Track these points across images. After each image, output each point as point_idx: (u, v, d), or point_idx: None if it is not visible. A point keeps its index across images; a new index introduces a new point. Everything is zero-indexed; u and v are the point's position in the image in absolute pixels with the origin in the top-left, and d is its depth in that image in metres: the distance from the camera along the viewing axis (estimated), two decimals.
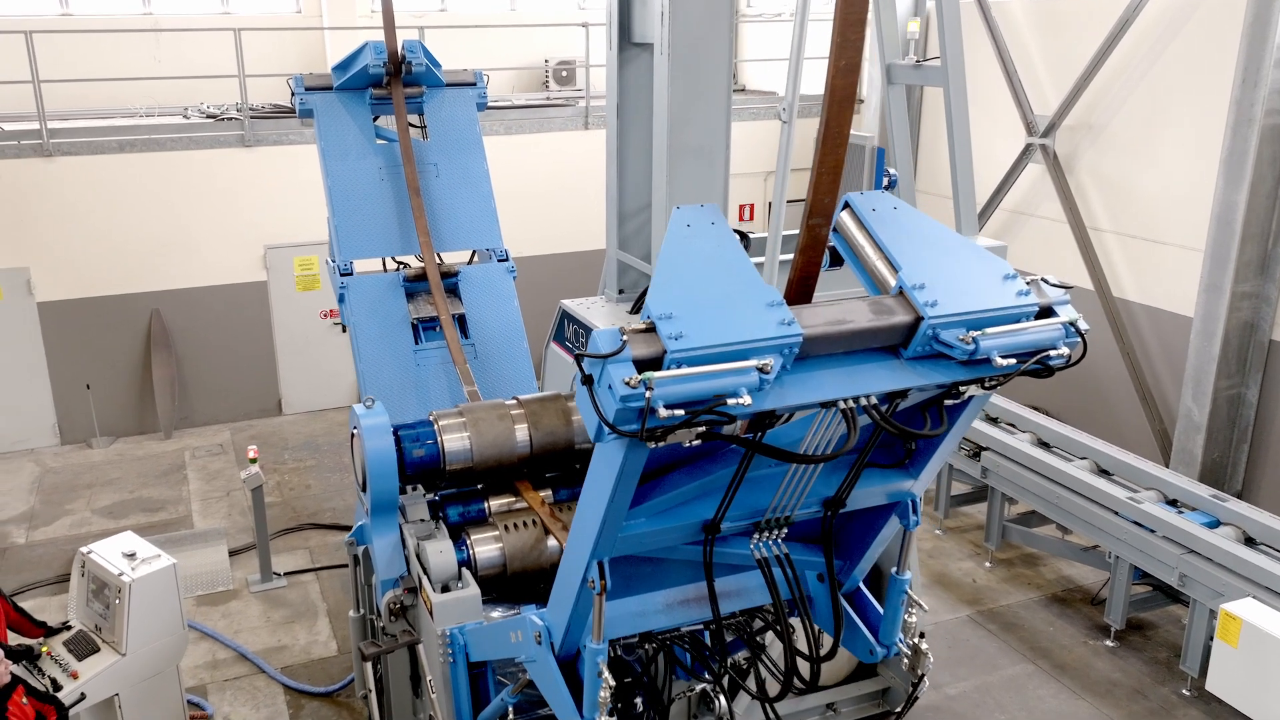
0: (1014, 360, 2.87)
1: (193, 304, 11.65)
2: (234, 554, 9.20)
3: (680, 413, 2.57)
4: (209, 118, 11.90)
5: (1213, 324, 9.15)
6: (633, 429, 2.58)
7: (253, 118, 11.51)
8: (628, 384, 2.53)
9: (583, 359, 2.63)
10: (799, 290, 3.16)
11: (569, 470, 5.18)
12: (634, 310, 6.30)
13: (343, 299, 6.48)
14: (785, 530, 3.55)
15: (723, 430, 2.74)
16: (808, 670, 3.61)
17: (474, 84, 7.32)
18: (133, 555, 6.10)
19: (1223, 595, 6.78)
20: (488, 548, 4.78)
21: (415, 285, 6.59)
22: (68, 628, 6.12)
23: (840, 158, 2.96)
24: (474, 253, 7.02)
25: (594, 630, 3.38)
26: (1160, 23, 9.96)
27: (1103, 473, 8.21)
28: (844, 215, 3.17)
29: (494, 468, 5.04)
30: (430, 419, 5.00)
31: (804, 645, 3.60)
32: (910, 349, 2.90)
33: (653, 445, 2.66)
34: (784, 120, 6.41)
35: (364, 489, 4.90)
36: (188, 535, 9.52)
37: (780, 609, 3.56)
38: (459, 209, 6.93)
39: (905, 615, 3.78)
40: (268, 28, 13.52)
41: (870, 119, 13.24)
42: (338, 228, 6.71)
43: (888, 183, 7.34)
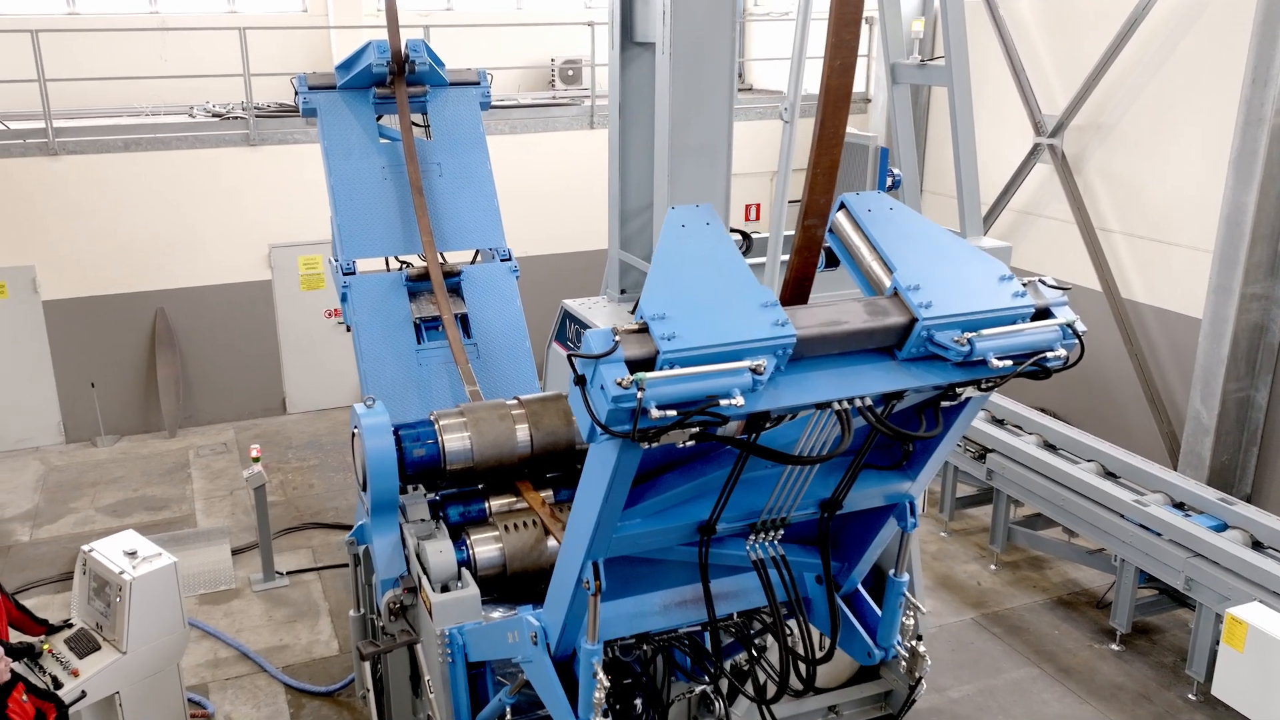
0: (1010, 362, 2.85)
1: (197, 303, 11.67)
2: (237, 553, 9.21)
3: (673, 413, 2.57)
4: (214, 117, 11.91)
5: (1222, 326, 9.08)
6: (625, 429, 2.58)
7: (258, 117, 11.53)
8: (620, 384, 2.53)
9: (575, 359, 2.62)
10: (795, 291, 3.14)
11: (570, 470, 5.16)
12: (635, 310, 6.28)
13: (345, 298, 6.48)
14: (781, 532, 3.53)
15: (717, 431, 2.72)
16: (804, 672, 3.59)
17: (477, 83, 7.32)
18: (134, 554, 6.10)
19: (1229, 599, 6.73)
20: (487, 548, 4.78)
21: (418, 285, 6.58)
22: (69, 625, 6.13)
23: (836, 158, 2.94)
24: (477, 252, 7.01)
25: (589, 631, 3.37)
26: (1169, 22, 9.90)
27: (1109, 475, 8.15)
28: (839, 216, 3.15)
29: (495, 468, 5.03)
30: (431, 419, 5.00)
31: (801, 647, 3.58)
32: (905, 350, 2.88)
33: (646, 446, 2.66)
34: (786, 120, 6.40)
35: (364, 488, 4.90)
36: (191, 534, 9.54)
37: (776, 611, 3.55)
38: (462, 208, 6.92)
39: (903, 617, 3.76)
40: (274, 26, 13.54)
41: (877, 119, 13.20)
42: (340, 227, 6.71)
43: (891, 183, 7.31)
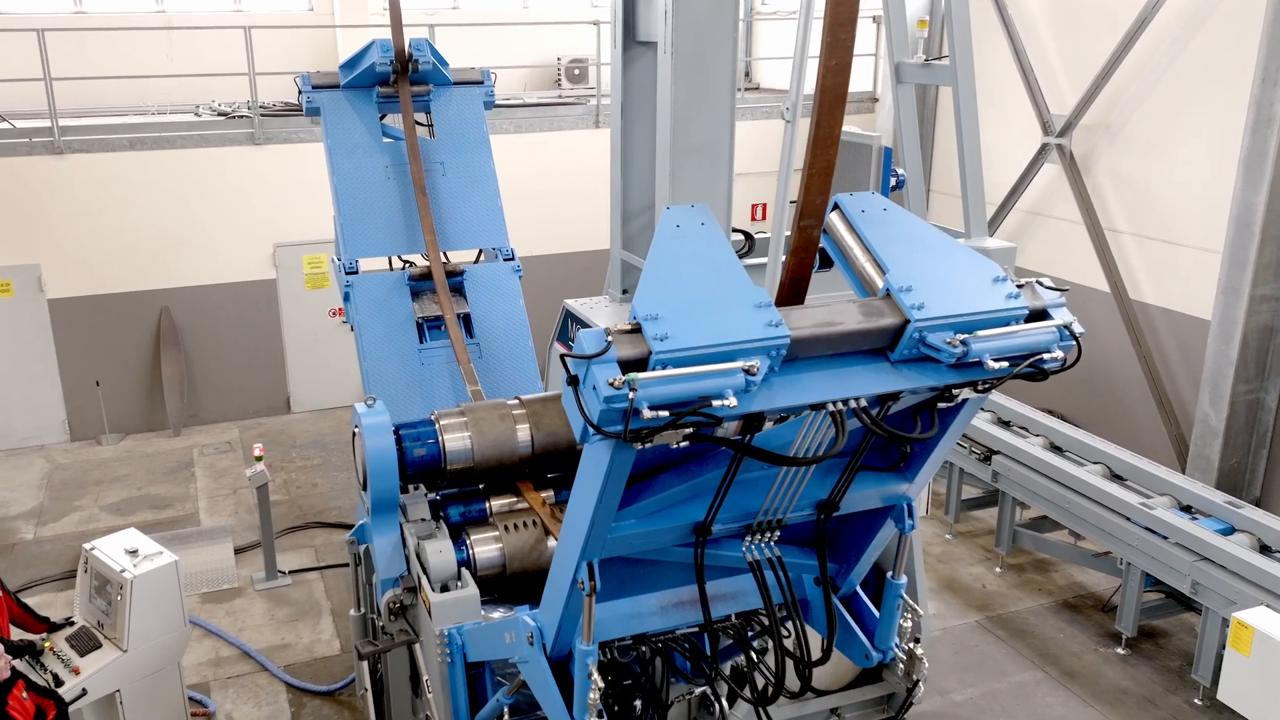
0: (1006, 363, 2.82)
1: (202, 301, 11.69)
2: (240, 552, 9.21)
3: (665, 414, 2.55)
4: (220, 116, 11.93)
5: (1231, 327, 9.02)
6: (617, 430, 2.56)
7: (263, 116, 11.54)
8: (612, 385, 2.51)
9: (568, 359, 2.61)
10: (791, 291, 3.11)
11: (571, 471, 5.07)
12: None
13: (348, 297, 6.47)
14: (778, 533, 3.51)
15: (710, 432, 2.70)
16: (801, 674, 3.56)
17: (481, 82, 7.30)
18: (135, 552, 6.10)
19: (1236, 604, 6.68)
20: (487, 548, 4.77)
21: (420, 284, 6.56)
22: (70, 623, 6.14)
23: (831, 158, 2.92)
24: (480, 252, 6.99)
25: (584, 632, 3.35)
26: (1179, 21, 9.83)
27: (1116, 478, 8.10)
28: (833, 216, 3.13)
29: (495, 468, 5.01)
30: (431, 418, 4.98)
31: (798, 649, 3.56)
32: (897, 352, 2.86)
33: (639, 446, 2.64)
34: (787, 120, 6.36)
35: (365, 488, 4.89)
36: (194, 532, 9.55)
37: (772, 612, 3.52)
38: (465, 208, 6.90)
39: (900, 620, 3.73)
40: (280, 25, 13.56)
41: (885, 118, 13.15)
42: (343, 226, 6.69)
43: (895, 183, 7.26)
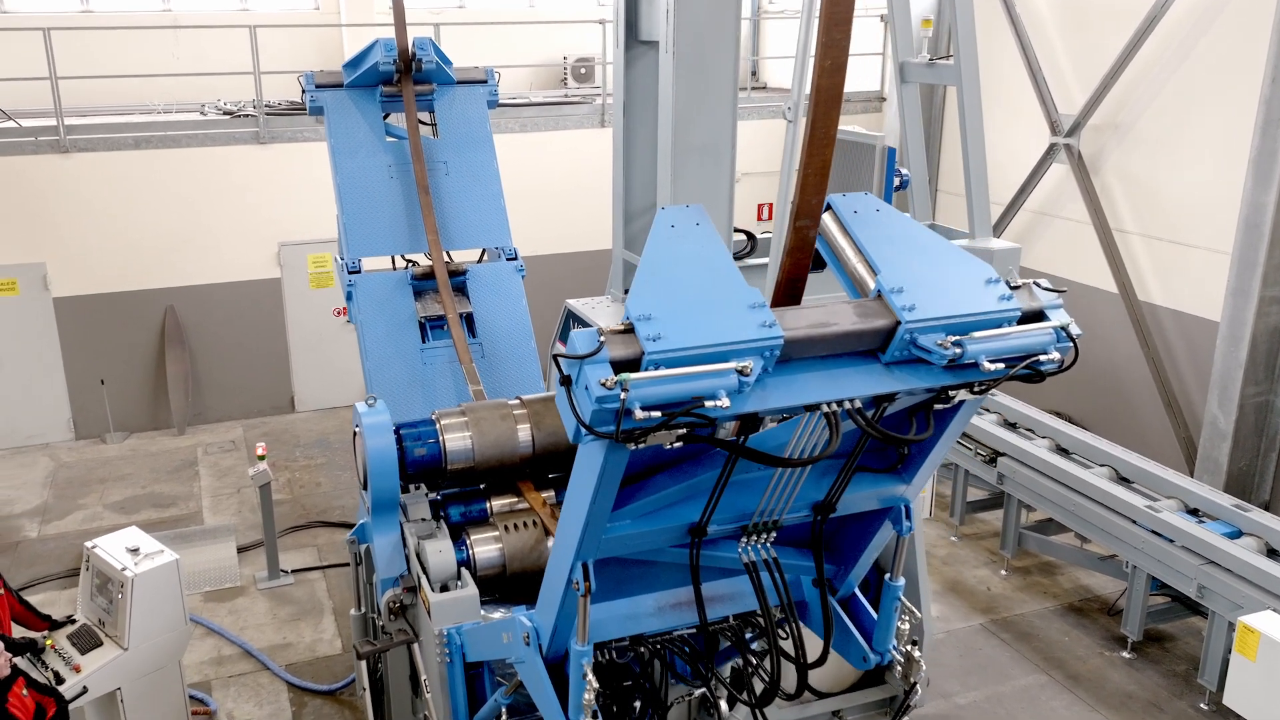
0: (1002, 365, 2.80)
1: (207, 300, 11.71)
2: (242, 551, 9.22)
3: (657, 414, 2.53)
4: (225, 115, 11.94)
5: (1240, 329, 8.95)
6: (609, 430, 2.55)
7: (269, 115, 11.55)
8: (604, 385, 2.50)
9: (561, 359, 2.59)
10: (787, 292, 3.09)
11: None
12: None
13: (350, 296, 6.46)
14: (774, 534, 3.48)
15: (705, 433, 2.67)
16: (797, 676, 3.54)
17: (485, 81, 7.29)
18: (136, 550, 6.11)
19: (1242, 607, 6.62)
20: (487, 548, 4.75)
21: (423, 283, 6.55)
22: (72, 621, 6.15)
23: (827, 158, 2.90)
24: (483, 251, 6.98)
25: (579, 632, 3.34)
26: (1188, 20, 9.77)
27: (1122, 480, 8.05)
28: (826, 217, 3.11)
29: (496, 467, 4.99)
30: (432, 418, 4.97)
31: (795, 651, 3.53)
32: (889, 353, 2.83)
33: (631, 447, 2.62)
34: (789, 119, 6.33)
35: (365, 487, 4.88)
36: (197, 531, 9.56)
37: (767, 613, 3.50)
38: (468, 207, 6.89)
39: (899, 622, 3.70)
40: (285, 24, 13.57)
41: (892, 118, 13.10)
42: (346, 225, 6.69)
43: (899, 183, 7.23)
